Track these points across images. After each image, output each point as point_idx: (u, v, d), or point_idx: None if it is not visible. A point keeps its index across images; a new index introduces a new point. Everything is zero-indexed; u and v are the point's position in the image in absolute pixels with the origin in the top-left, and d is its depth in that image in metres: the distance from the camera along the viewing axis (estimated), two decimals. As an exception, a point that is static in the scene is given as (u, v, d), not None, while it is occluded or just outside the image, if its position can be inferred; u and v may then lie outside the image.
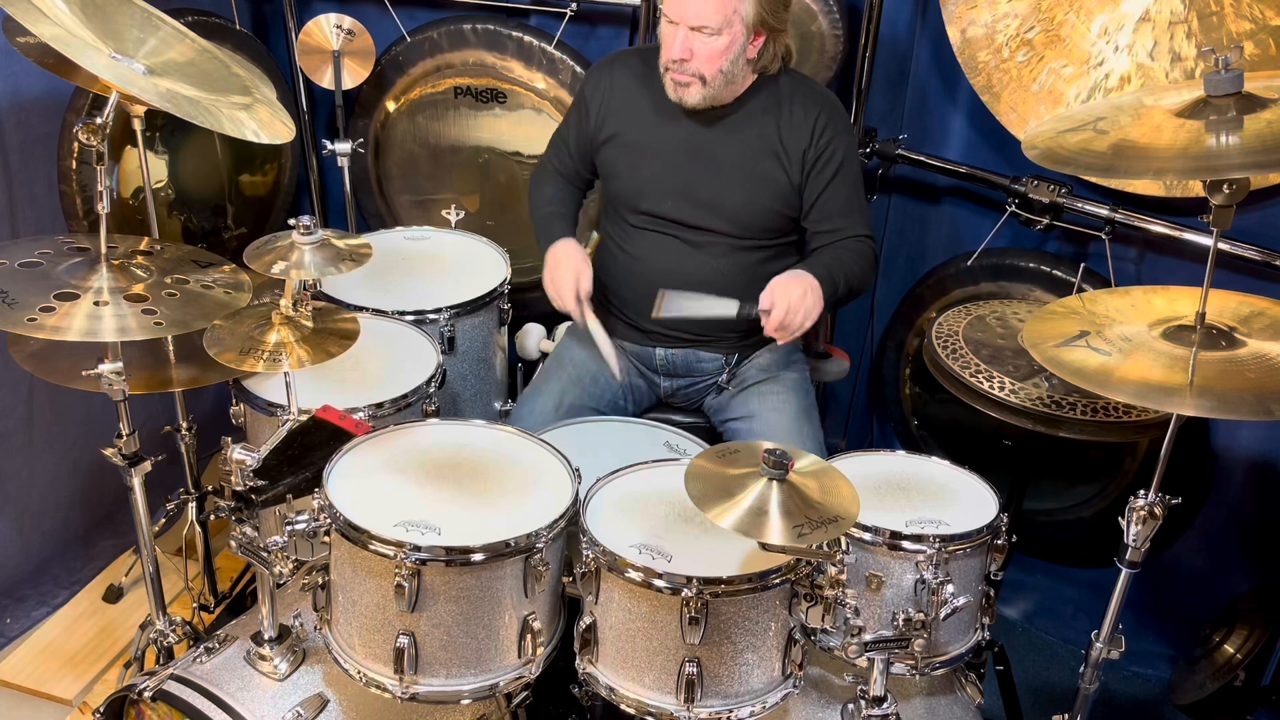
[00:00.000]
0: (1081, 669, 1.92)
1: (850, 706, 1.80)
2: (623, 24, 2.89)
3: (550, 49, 2.85)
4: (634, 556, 1.64)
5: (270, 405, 2.02)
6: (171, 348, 2.10)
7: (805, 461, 1.62)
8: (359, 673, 1.68)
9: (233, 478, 1.67)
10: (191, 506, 2.45)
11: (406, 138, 3.07)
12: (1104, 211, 2.43)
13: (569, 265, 2.16)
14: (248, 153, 2.98)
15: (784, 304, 2.00)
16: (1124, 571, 1.80)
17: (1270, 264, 2.25)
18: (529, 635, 1.69)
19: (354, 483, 1.74)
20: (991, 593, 1.90)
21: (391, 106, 3.04)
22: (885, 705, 1.69)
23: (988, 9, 2.44)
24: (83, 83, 2.08)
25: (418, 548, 1.58)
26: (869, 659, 1.66)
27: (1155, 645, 2.67)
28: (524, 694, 1.85)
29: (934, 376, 2.22)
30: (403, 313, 2.31)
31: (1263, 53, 2.15)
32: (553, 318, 2.73)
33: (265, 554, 1.69)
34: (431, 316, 2.33)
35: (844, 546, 1.66)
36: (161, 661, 2.12)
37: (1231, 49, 1.55)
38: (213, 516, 1.84)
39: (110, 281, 1.78)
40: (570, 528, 1.72)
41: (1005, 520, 1.86)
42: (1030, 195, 2.50)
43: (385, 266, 2.50)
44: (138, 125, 2.03)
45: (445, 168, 3.07)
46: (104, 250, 1.81)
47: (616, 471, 1.86)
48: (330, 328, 1.87)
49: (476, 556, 1.60)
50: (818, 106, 2.15)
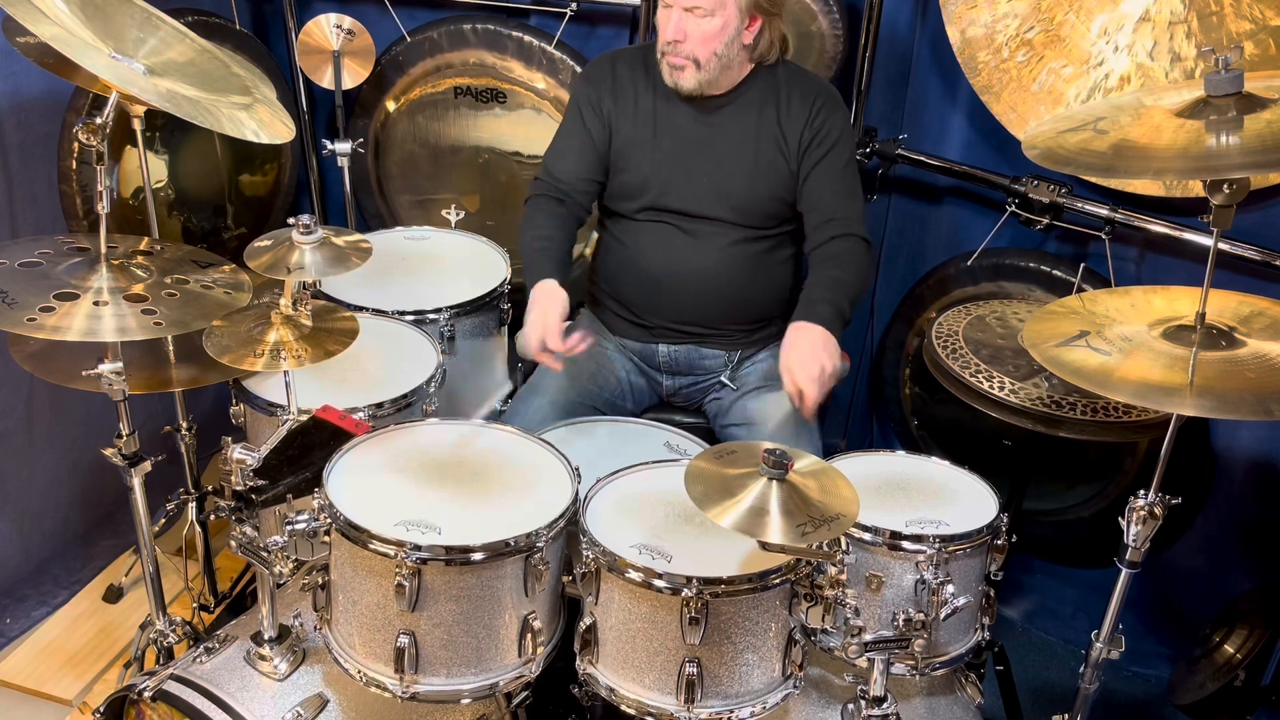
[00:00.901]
0: (1081, 669, 1.92)
1: (850, 707, 1.80)
2: (623, 24, 2.89)
3: (550, 49, 2.85)
4: (634, 557, 1.64)
5: (270, 405, 2.02)
6: (171, 348, 2.09)
7: (805, 462, 1.62)
8: (359, 672, 1.68)
9: (233, 478, 1.67)
10: (191, 506, 2.45)
11: (406, 138, 3.07)
12: (1104, 211, 2.43)
13: (538, 309, 2.03)
14: (248, 153, 2.98)
15: (812, 390, 1.93)
16: (1124, 571, 1.80)
17: (1270, 264, 2.25)
18: (529, 634, 1.69)
19: (354, 482, 1.74)
20: (991, 593, 1.90)
21: (391, 106, 3.04)
22: (885, 705, 1.69)
23: (988, 9, 2.44)
24: (83, 83, 2.08)
25: (418, 547, 1.58)
26: (869, 659, 1.66)
27: (1155, 645, 2.67)
28: (524, 694, 1.85)
29: (934, 376, 2.22)
30: (403, 313, 2.31)
31: (1263, 53, 2.15)
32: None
33: (265, 554, 1.69)
34: (431, 316, 2.33)
35: (844, 546, 1.66)
36: (161, 661, 2.12)
37: (1231, 49, 1.55)
38: (213, 516, 1.84)
39: (110, 281, 1.78)
40: (570, 528, 1.72)
41: (1005, 520, 1.86)
42: (1030, 195, 2.50)
43: (385, 266, 2.50)
44: (138, 125, 2.03)
45: (445, 168, 3.07)
46: (104, 250, 1.81)
47: (616, 472, 1.86)
48: (330, 327, 1.87)
49: (477, 556, 1.60)
50: (814, 94, 2.17)
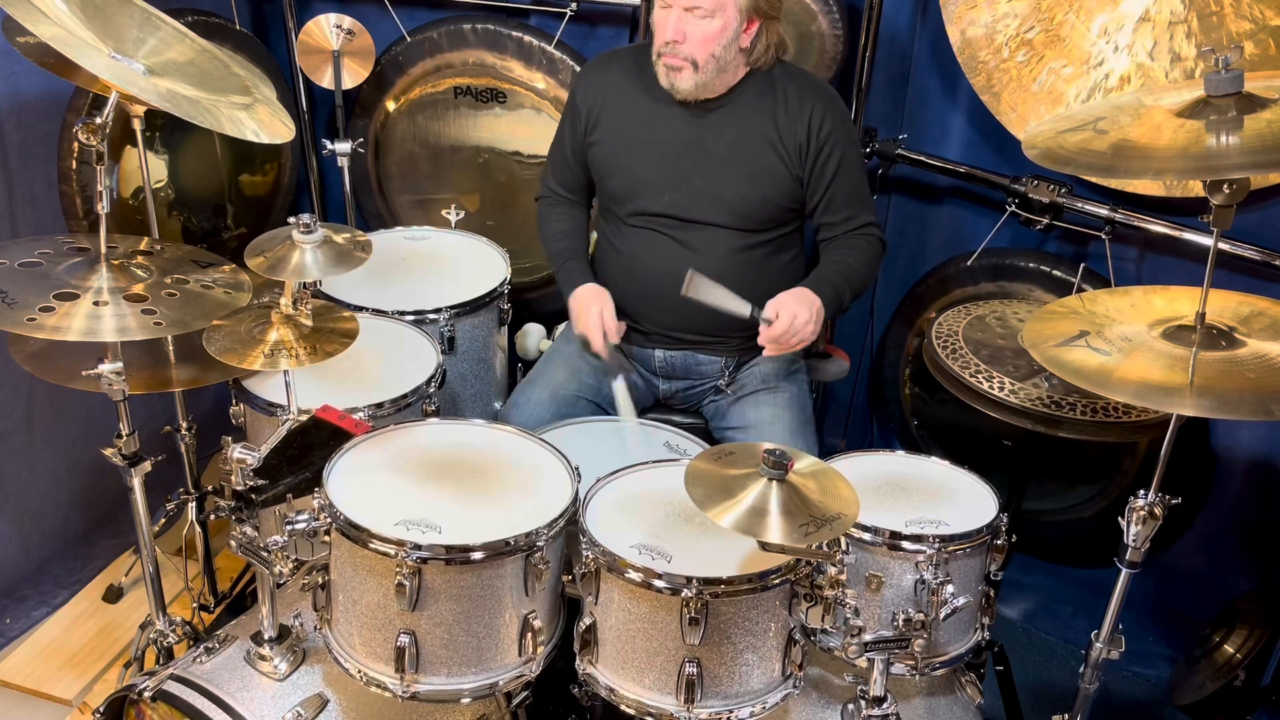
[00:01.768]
0: (1081, 669, 1.92)
1: (850, 707, 1.80)
2: (623, 24, 2.89)
3: (550, 49, 2.85)
4: (634, 557, 1.64)
5: (270, 405, 2.02)
6: (171, 348, 2.09)
7: (805, 462, 1.62)
8: (359, 672, 1.68)
9: (233, 477, 1.67)
10: (191, 506, 2.45)
11: (406, 138, 3.07)
12: (1104, 211, 2.43)
13: (591, 311, 2.17)
14: (248, 153, 2.98)
15: (787, 321, 2.01)
16: (1124, 571, 1.80)
17: (1270, 264, 2.26)
18: (529, 634, 1.69)
19: (354, 482, 1.74)
20: (991, 593, 1.90)
21: (391, 106, 3.04)
22: (885, 705, 1.69)
23: (988, 9, 2.44)
24: (83, 83, 2.08)
25: (418, 546, 1.58)
26: (869, 659, 1.66)
27: (1155, 645, 2.67)
28: (524, 693, 1.85)
29: (934, 376, 2.22)
30: (403, 313, 2.31)
31: (1263, 53, 2.15)
32: (553, 318, 2.73)
33: (265, 554, 1.69)
34: (431, 316, 2.33)
35: (844, 546, 1.66)
36: (161, 661, 2.12)
37: (1231, 49, 1.55)
38: (213, 516, 1.84)
39: (110, 281, 1.78)
40: (570, 527, 1.72)
41: (1005, 520, 1.85)
42: (1030, 195, 2.50)
43: (385, 266, 2.50)
44: (138, 125, 2.03)
45: (445, 168, 3.07)
46: (104, 250, 1.81)
47: (616, 471, 1.86)
48: (330, 327, 1.87)
49: (477, 555, 1.60)
50: (813, 97, 2.15)
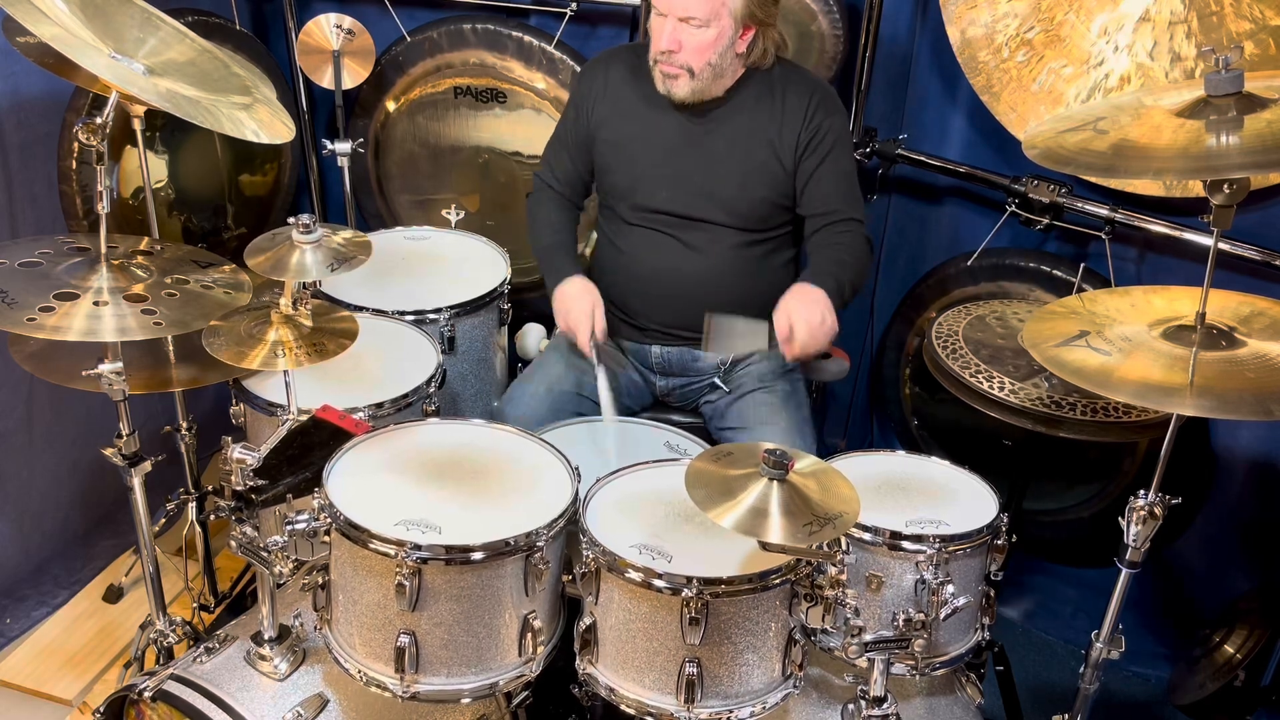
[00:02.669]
0: (1081, 669, 1.92)
1: (850, 707, 1.80)
2: (623, 24, 2.89)
3: (550, 49, 2.85)
4: (634, 557, 1.64)
5: (270, 405, 2.02)
6: (171, 348, 2.10)
7: (805, 462, 1.62)
8: (360, 672, 1.68)
9: (233, 477, 1.67)
10: (191, 506, 2.45)
11: (406, 138, 3.07)
12: (1104, 211, 2.43)
13: (581, 305, 2.15)
14: (248, 153, 2.98)
15: (804, 331, 1.96)
16: (1124, 571, 1.80)
17: (1270, 264, 2.25)
18: (529, 634, 1.69)
19: (354, 482, 1.74)
20: (991, 593, 1.90)
21: (391, 106, 3.04)
22: (885, 705, 1.69)
23: (988, 9, 2.44)
24: (83, 83, 2.08)
25: (418, 546, 1.58)
26: (869, 659, 1.66)
27: (1155, 645, 2.67)
28: (524, 693, 1.85)
29: (934, 376, 2.22)
30: (403, 313, 2.31)
31: (1263, 53, 2.15)
32: (553, 318, 2.73)
33: (265, 554, 1.69)
34: (431, 316, 2.33)
35: (844, 546, 1.66)
36: (161, 661, 2.12)
37: (1231, 49, 1.55)
38: (213, 516, 1.84)
39: (110, 281, 1.78)
40: (570, 527, 1.72)
41: (1005, 520, 1.86)
42: (1030, 195, 2.50)
43: (385, 266, 2.50)
44: (138, 125, 2.03)
45: (445, 168, 3.07)
46: (104, 250, 1.81)
47: (616, 471, 1.86)
48: (330, 327, 1.87)
49: (477, 555, 1.60)
50: (809, 92, 2.16)
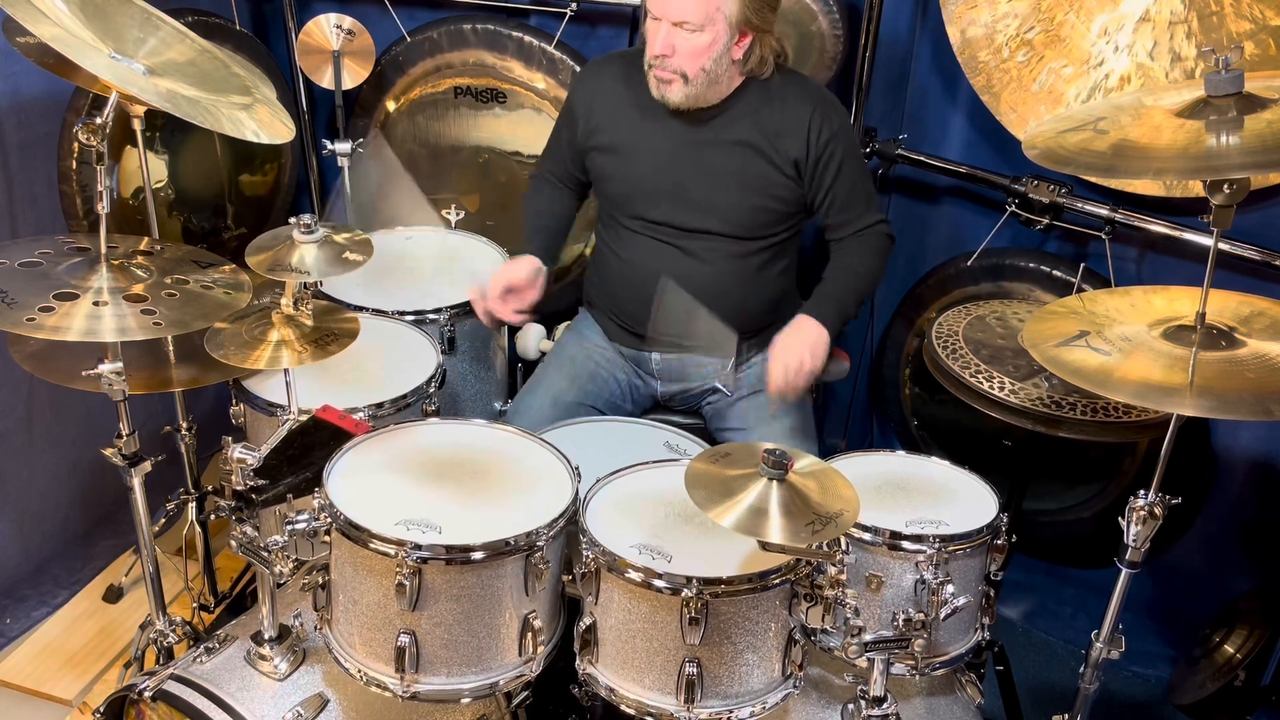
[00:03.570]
0: (1081, 669, 1.92)
1: (850, 707, 1.80)
2: (623, 24, 2.89)
3: (550, 49, 2.85)
4: (634, 557, 1.64)
5: (270, 405, 2.02)
6: (171, 348, 2.10)
7: (805, 462, 1.62)
8: (360, 672, 1.68)
9: (233, 477, 1.67)
10: (191, 506, 2.45)
11: (406, 138, 3.07)
12: (1104, 211, 2.43)
13: (501, 275, 2.22)
14: (248, 153, 2.98)
15: (780, 372, 2.08)
16: (1124, 571, 1.80)
17: (1270, 264, 2.26)
18: (529, 634, 1.69)
19: (354, 482, 1.74)
20: (991, 593, 1.90)
21: (391, 106, 3.04)
22: (885, 705, 1.69)
23: (988, 9, 2.44)
24: (83, 83, 2.08)
25: (419, 546, 1.58)
26: (869, 659, 1.66)
27: (1155, 645, 2.67)
28: (524, 693, 1.85)
29: (934, 376, 2.22)
30: (403, 313, 2.31)
31: (1263, 53, 2.15)
32: (553, 318, 2.73)
33: (265, 554, 1.69)
34: (431, 316, 2.33)
35: (844, 546, 1.66)
36: (161, 661, 2.12)
37: (1231, 49, 1.55)
38: (213, 516, 1.84)
39: (110, 281, 1.78)
40: (570, 527, 1.72)
41: (1005, 520, 1.86)
42: (1030, 195, 2.50)
43: (385, 266, 2.51)
44: (138, 125, 2.03)
45: (445, 168, 3.07)
46: (104, 250, 1.81)
47: (616, 471, 1.86)
48: (330, 327, 1.87)
49: (477, 555, 1.60)
50: (810, 104, 2.14)
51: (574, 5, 2.79)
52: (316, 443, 1.78)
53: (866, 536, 1.78)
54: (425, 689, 1.66)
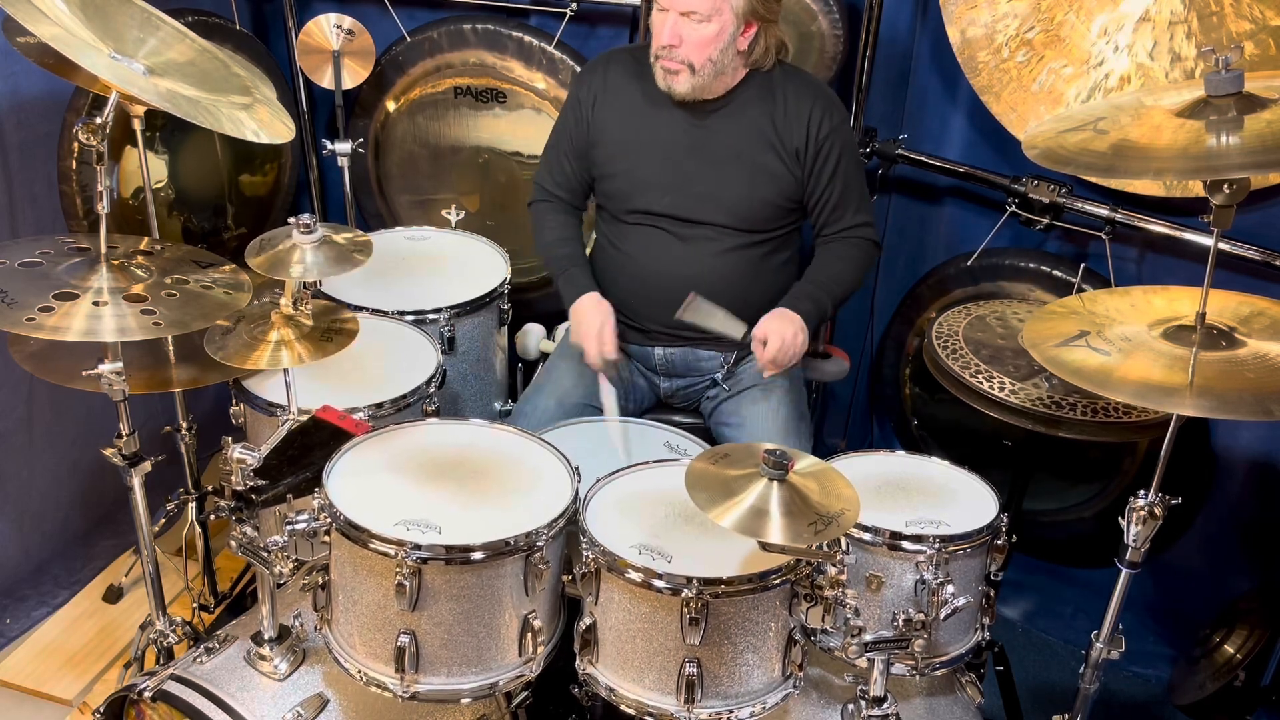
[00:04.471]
0: (1081, 669, 1.92)
1: (850, 707, 1.80)
2: (623, 24, 2.89)
3: (550, 49, 2.85)
4: (634, 557, 1.64)
5: (270, 405, 2.02)
6: (171, 348, 2.10)
7: (805, 462, 1.62)
8: (360, 672, 1.68)
9: (233, 477, 1.67)
10: (191, 506, 2.45)
11: (406, 138, 3.07)
12: (1104, 211, 2.43)
13: (590, 324, 2.15)
14: (248, 153, 2.98)
15: (778, 341, 2.06)
16: (1124, 571, 1.80)
17: (1270, 264, 2.26)
18: (529, 634, 1.69)
19: (354, 482, 1.74)
20: (991, 593, 1.90)
21: (391, 106, 3.04)
22: (885, 705, 1.69)
23: (988, 9, 2.44)
24: (83, 83, 2.08)
25: (418, 546, 1.58)
26: (869, 659, 1.66)
27: (1155, 645, 2.67)
28: (524, 693, 1.85)
29: (934, 376, 2.22)
30: (403, 313, 2.31)
31: (1263, 53, 2.15)
32: (553, 318, 2.73)
33: (265, 554, 1.69)
34: (431, 316, 2.33)
35: (844, 546, 1.66)
36: (161, 661, 2.12)
37: (1231, 49, 1.55)
38: (213, 516, 1.84)
39: (110, 281, 1.78)
40: (570, 527, 1.72)
41: (1005, 520, 1.86)
42: (1030, 195, 2.50)
43: (385, 266, 2.51)
44: (138, 125, 2.03)
45: (445, 168, 3.07)
46: (104, 250, 1.81)
47: (616, 471, 1.86)
48: (330, 326, 1.87)
49: (477, 555, 1.60)
50: (811, 98, 2.15)
51: (574, 5, 2.79)
52: (316, 443, 1.78)
53: (866, 536, 1.78)
54: (425, 689, 1.66)
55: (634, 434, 2.17)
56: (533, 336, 2.79)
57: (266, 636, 1.81)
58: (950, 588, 1.75)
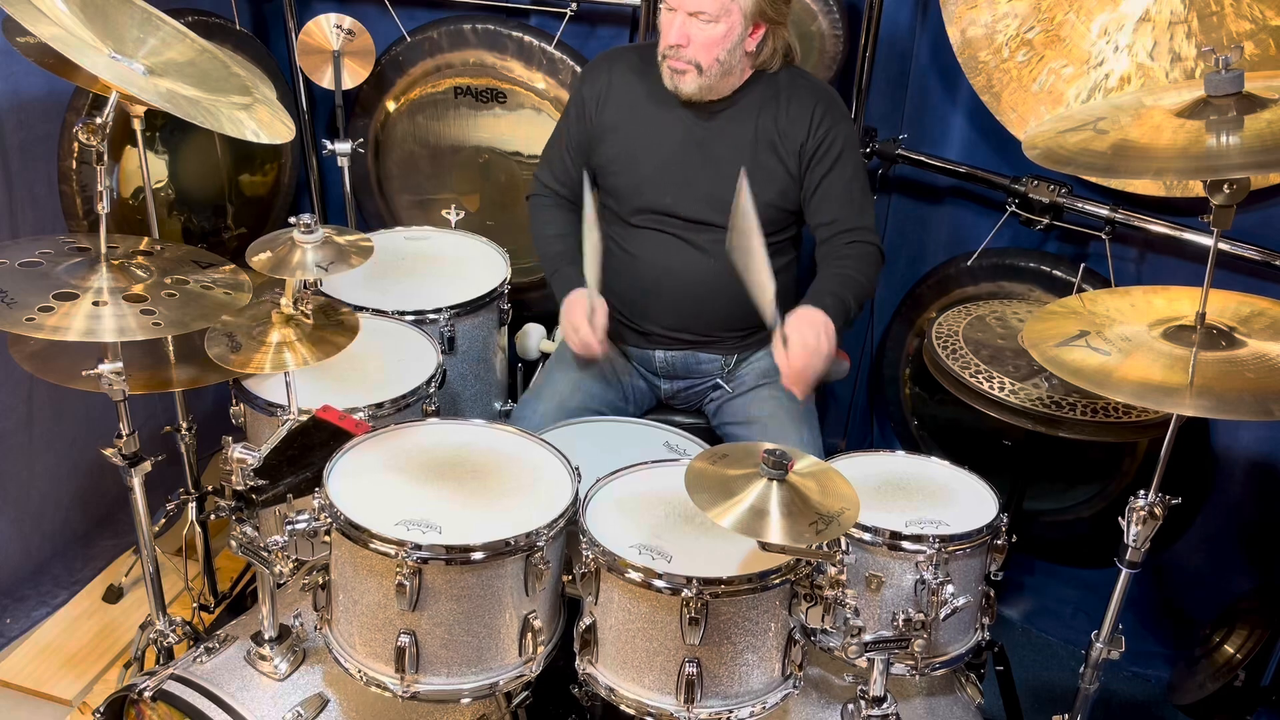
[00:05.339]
0: (1081, 669, 1.92)
1: (850, 707, 1.80)
2: (623, 24, 2.89)
3: (550, 49, 2.85)
4: (634, 557, 1.64)
5: (270, 405, 2.02)
6: (171, 348, 2.09)
7: (805, 462, 1.62)
8: (360, 672, 1.68)
9: (233, 477, 1.67)
10: (191, 506, 2.45)
11: (406, 138, 3.07)
12: (1104, 211, 2.43)
13: (574, 317, 2.17)
14: (248, 153, 2.98)
15: (799, 351, 1.95)
16: (1124, 571, 1.80)
17: (1270, 264, 2.25)
18: (529, 634, 1.69)
19: (354, 482, 1.74)
20: (991, 593, 1.90)
21: (391, 106, 3.04)
22: (885, 705, 1.69)
23: (988, 9, 2.44)
24: (83, 83, 2.08)
25: (419, 546, 1.58)
26: (869, 659, 1.66)
27: (1155, 645, 2.67)
28: (524, 693, 1.85)
29: (934, 376, 2.22)
30: (403, 313, 2.31)
31: (1263, 53, 2.15)
32: (553, 318, 2.73)
33: (265, 554, 1.69)
34: (431, 316, 2.33)
35: (844, 546, 1.66)
36: (161, 661, 2.12)
37: (1231, 49, 1.55)
38: (213, 516, 1.84)
39: (110, 281, 1.78)
40: (570, 527, 1.72)
41: (1005, 520, 1.86)
42: (1030, 195, 2.50)
43: (385, 266, 2.51)
44: (138, 125, 2.03)
45: (445, 168, 3.07)
46: (104, 250, 1.81)
47: (616, 471, 1.86)
48: (331, 325, 1.87)
49: (477, 555, 1.60)
50: (814, 98, 2.15)
51: (574, 5, 2.79)
52: (316, 443, 1.78)
53: (866, 536, 1.78)
54: (425, 689, 1.66)
55: (634, 434, 2.18)
56: (533, 336, 2.79)
57: (266, 636, 1.81)
58: (950, 588, 1.75)
